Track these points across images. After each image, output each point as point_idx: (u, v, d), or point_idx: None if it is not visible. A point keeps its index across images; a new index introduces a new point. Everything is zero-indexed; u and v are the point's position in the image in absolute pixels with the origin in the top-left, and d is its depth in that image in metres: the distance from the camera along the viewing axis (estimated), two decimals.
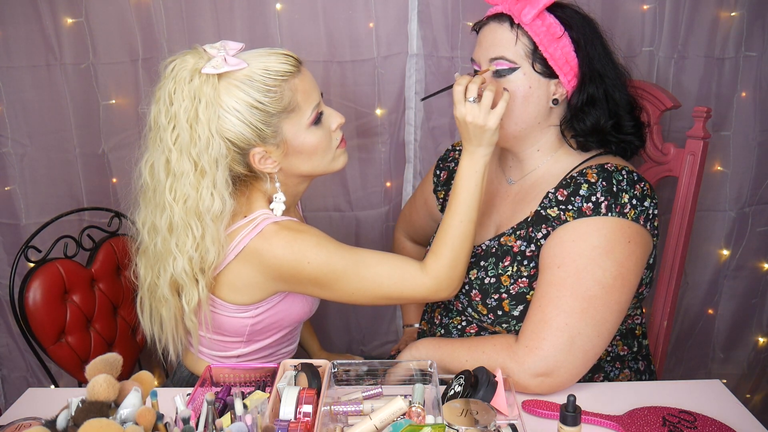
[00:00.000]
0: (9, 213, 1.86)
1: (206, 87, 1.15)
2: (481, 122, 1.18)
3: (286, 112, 1.20)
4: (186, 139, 1.16)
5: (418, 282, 1.24)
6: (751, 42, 1.72)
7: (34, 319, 1.44)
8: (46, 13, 1.71)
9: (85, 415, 0.85)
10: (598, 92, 1.23)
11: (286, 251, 1.20)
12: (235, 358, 1.36)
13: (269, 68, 1.18)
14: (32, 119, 1.79)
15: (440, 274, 1.24)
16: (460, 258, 1.25)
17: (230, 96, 1.16)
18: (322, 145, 1.25)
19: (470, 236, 1.25)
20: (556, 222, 1.21)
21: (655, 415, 1.10)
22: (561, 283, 1.16)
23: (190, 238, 1.19)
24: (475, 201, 1.24)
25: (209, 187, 1.18)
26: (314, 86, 1.24)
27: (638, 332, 1.35)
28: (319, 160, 1.27)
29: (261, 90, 1.17)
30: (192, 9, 1.72)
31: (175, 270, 1.21)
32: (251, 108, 1.17)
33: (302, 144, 1.23)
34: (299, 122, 1.21)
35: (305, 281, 1.23)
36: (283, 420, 1.00)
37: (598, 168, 1.22)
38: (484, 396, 1.09)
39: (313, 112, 1.22)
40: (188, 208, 1.18)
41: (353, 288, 1.24)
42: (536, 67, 1.21)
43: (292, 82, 1.19)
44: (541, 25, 1.19)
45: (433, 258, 1.25)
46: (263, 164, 1.23)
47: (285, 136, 1.21)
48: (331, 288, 1.24)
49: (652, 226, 1.21)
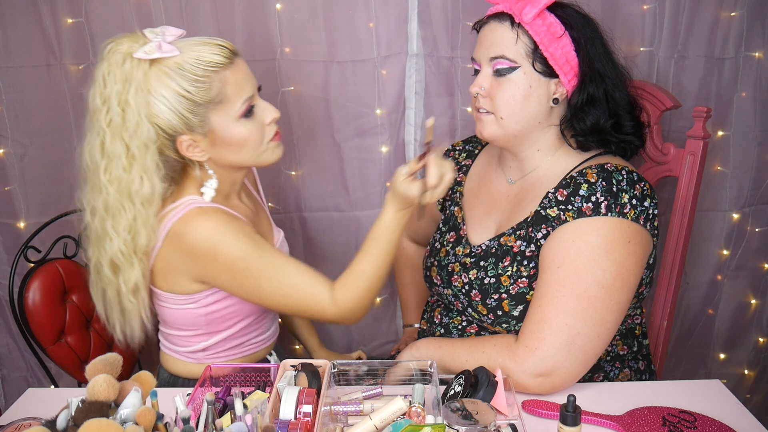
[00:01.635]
0: (9, 213, 1.86)
1: (137, 72, 1.17)
2: (414, 197, 1.19)
3: (214, 104, 1.20)
4: (118, 122, 1.18)
5: (324, 306, 1.26)
6: (751, 42, 1.72)
7: (34, 319, 1.44)
8: (46, 13, 1.71)
9: (85, 415, 0.85)
10: (598, 92, 1.24)
11: (204, 236, 1.21)
12: (201, 352, 1.37)
13: (200, 58, 1.18)
14: (32, 119, 1.79)
15: (345, 306, 1.26)
16: (368, 296, 1.27)
17: (159, 83, 1.17)
18: (252, 138, 1.25)
19: (380, 280, 1.28)
20: (556, 222, 1.21)
21: (655, 415, 1.10)
22: (561, 283, 1.16)
23: (124, 219, 1.21)
24: (391, 251, 1.27)
25: (139, 170, 1.20)
26: (248, 78, 1.24)
27: (638, 332, 1.35)
28: (249, 153, 1.27)
29: (189, 79, 1.18)
30: (192, 9, 1.72)
31: (112, 250, 1.22)
32: (179, 96, 1.18)
33: (231, 136, 1.23)
34: (228, 114, 1.21)
35: (219, 271, 1.23)
36: (283, 420, 1.00)
37: (597, 168, 1.22)
38: (484, 396, 1.09)
39: (243, 104, 1.22)
40: (121, 191, 1.20)
41: (265, 290, 1.25)
42: (536, 66, 1.21)
43: (222, 74, 1.19)
44: (541, 25, 1.19)
45: (342, 290, 1.26)
46: (191, 152, 1.24)
47: (213, 126, 1.22)
48: (242, 284, 1.25)
49: (652, 226, 1.21)
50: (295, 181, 1.88)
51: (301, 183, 1.88)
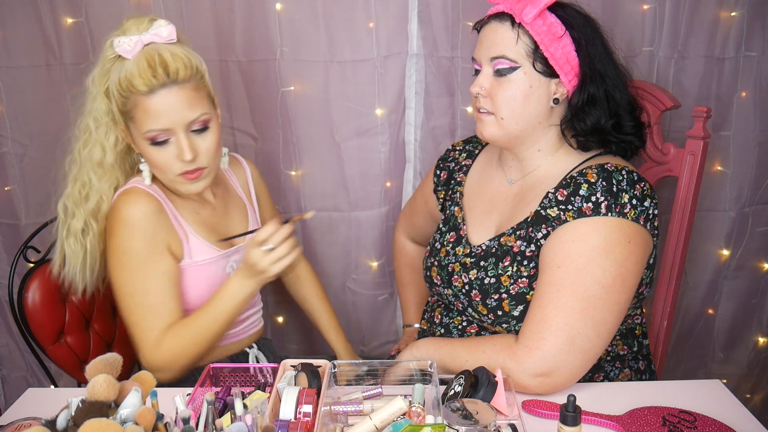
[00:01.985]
0: (9, 213, 1.86)
1: (109, 51, 1.26)
2: (263, 267, 1.27)
3: (128, 117, 1.28)
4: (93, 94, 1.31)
5: (147, 347, 1.30)
6: (751, 42, 1.72)
7: (33, 319, 1.44)
8: (46, 13, 1.71)
9: (85, 415, 0.85)
10: (598, 92, 1.24)
11: (112, 212, 1.32)
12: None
13: (129, 75, 1.23)
14: (32, 119, 1.79)
15: (162, 358, 1.30)
16: (187, 354, 1.31)
17: (114, 72, 1.26)
18: (158, 164, 1.30)
19: (207, 343, 1.32)
20: (556, 222, 1.21)
21: (655, 415, 1.10)
22: (561, 283, 1.16)
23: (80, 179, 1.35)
24: (226, 318, 1.33)
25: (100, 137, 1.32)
26: (171, 112, 1.24)
27: (638, 332, 1.35)
28: (160, 174, 1.33)
29: (116, 86, 1.25)
30: (192, 9, 1.72)
31: (66, 192, 1.37)
32: (112, 94, 1.27)
33: (141, 150, 1.31)
34: (138, 131, 1.27)
35: (109, 250, 1.33)
36: (283, 420, 1.00)
37: (597, 168, 1.22)
38: (484, 396, 1.09)
39: (147, 133, 1.26)
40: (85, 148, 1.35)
41: (121, 294, 1.32)
42: (537, 66, 1.21)
43: (137, 98, 1.24)
44: (542, 25, 1.19)
45: (167, 340, 1.30)
46: (128, 138, 1.33)
47: (131, 132, 1.30)
48: (112, 272, 1.33)
49: (652, 226, 1.21)
50: (295, 181, 1.88)
51: (301, 183, 1.88)
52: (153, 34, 1.25)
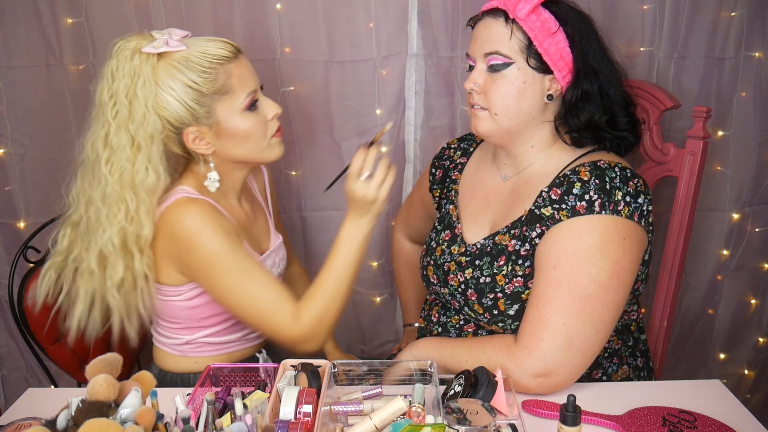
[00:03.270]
0: (9, 213, 1.86)
1: (145, 66, 1.21)
2: (372, 196, 1.25)
3: (220, 94, 1.24)
4: (125, 114, 1.21)
5: (286, 322, 1.26)
6: (751, 42, 1.72)
7: (34, 319, 1.43)
8: (46, 13, 1.71)
9: (85, 415, 0.85)
10: (592, 88, 1.24)
11: (186, 224, 1.24)
12: (185, 345, 1.39)
13: (207, 52, 1.23)
14: (32, 119, 1.79)
15: (308, 323, 1.26)
16: (330, 314, 1.28)
17: (167, 75, 1.22)
18: (255, 132, 1.29)
19: (344, 295, 1.29)
20: (550, 221, 1.21)
21: (655, 415, 1.10)
22: (557, 283, 1.16)
23: (123, 210, 1.23)
24: (353, 265, 1.29)
25: (144, 161, 1.23)
26: (251, 74, 1.29)
27: (633, 328, 1.35)
28: (252, 146, 1.30)
29: (196, 71, 1.22)
30: (192, 9, 1.72)
31: (102, 241, 1.24)
32: (186, 87, 1.22)
33: (235, 128, 1.27)
34: (233, 105, 1.26)
35: (194, 262, 1.26)
36: (283, 420, 1.00)
37: (590, 166, 1.22)
38: (484, 396, 1.09)
39: (247, 97, 1.27)
40: (123, 181, 1.23)
41: (232, 292, 1.26)
42: (531, 62, 1.21)
43: (227, 67, 1.24)
44: (535, 21, 1.19)
45: (307, 308, 1.27)
46: (197, 145, 1.27)
47: (218, 117, 1.26)
48: (212, 281, 1.27)
49: (646, 222, 1.21)
50: (295, 181, 1.88)
51: (301, 183, 1.88)
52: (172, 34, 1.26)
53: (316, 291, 1.28)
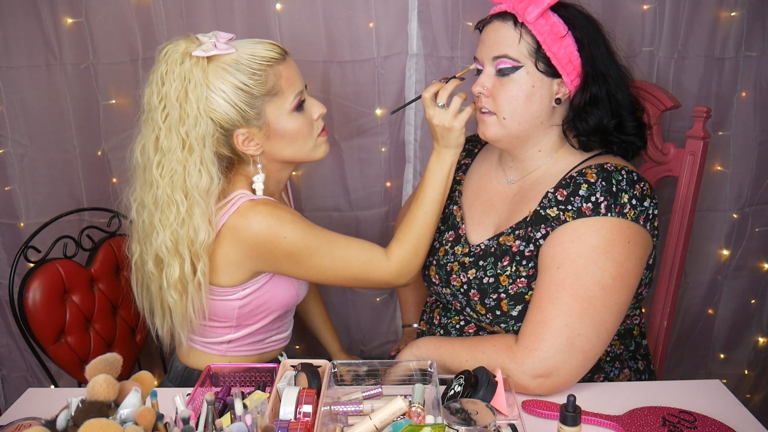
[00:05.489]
0: (9, 213, 1.86)
1: (196, 69, 1.21)
2: (448, 124, 1.28)
3: (270, 96, 1.26)
4: (175, 117, 1.22)
5: (383, 265, 1.33)
6: (751, 42, 1.72)
7: (34, 319, 1.43)
8: (46, 13, 1.71)
9: (85, 415, 0.85)
10: (600, 92, 1.23)
11: (263, 225, 1.26)
12: (226, 344, 1.39)
13: (255, 54, 1.24)
14: (32, 119, 1.79)
15: (403, 260, 1.33)
16: (422, 246, 1.35)
17: (218, 78, 1.23)
18: (303, 131, 1.31)
19: (432, 227, 1.36)
20: (555, 222, 1.21)
21: (655, 415, 1.10)
22: (560, 284, 1.16)
23: (174, 212, 1.24)
24: (439, 195, 1.34)
25: (196, 163, 1.23)
26: (298, 75, 1.31)
27: (636, 332, 1.35)
28: (300, 146, 1.32)
29: (247, 73, 1.23)
30: (192, 9, 1.72)
31: (157, 244, 1.26)
32: (237, 90, 1.23)
33: (284, 128, 1.29)
34: (282, 106, 1.27)
35: (280, 257, 1.28)
36: (283, 420, 1.00)
37: (597, 168, 1.22)
38: (484, 396, 1.09)
39: (295, 98, 1.28)
40: (174, 184, 1.24)
41: (325, 266, 1.31)
42: (539, 66, 1.21)
43: (276, 68, 1.26)
44: (544, 24, 1.19)
45: (398, 245, 1.34)
46: (246, 146, 1.28)
47: (268, 118, 1.27)
48: (304, 265, 1.30)
49: (651, 226, 1.21)
50: (295, 181, 1.88)
51: (301, 183, 1.88)
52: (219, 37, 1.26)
53: (405, 228, 1.34)
